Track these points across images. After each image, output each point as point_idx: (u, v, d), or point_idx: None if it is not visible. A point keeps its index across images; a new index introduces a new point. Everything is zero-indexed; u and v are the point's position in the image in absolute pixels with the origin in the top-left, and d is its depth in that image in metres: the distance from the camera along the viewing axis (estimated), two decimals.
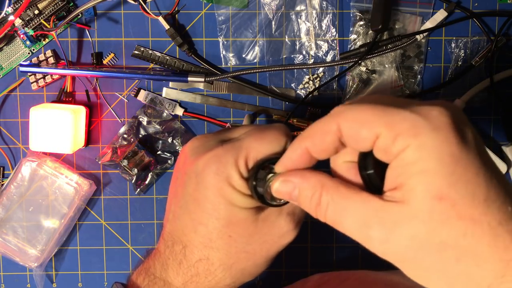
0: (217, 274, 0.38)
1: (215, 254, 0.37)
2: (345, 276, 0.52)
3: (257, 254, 0.38)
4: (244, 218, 0.36)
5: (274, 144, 0.36)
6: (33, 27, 0.56)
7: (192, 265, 0.38)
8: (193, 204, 0.37)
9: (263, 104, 0.60)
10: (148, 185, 0.60)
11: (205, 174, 0.36)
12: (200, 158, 0.36)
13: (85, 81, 0.59)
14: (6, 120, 0.60)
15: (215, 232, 0.37)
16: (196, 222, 0.37)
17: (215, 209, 0.36)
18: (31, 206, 0.58)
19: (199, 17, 0.59)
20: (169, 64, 0.59)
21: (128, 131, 0.59)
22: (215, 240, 0.37)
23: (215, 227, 0.36)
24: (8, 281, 0.61)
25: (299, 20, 0.58)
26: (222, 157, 0.35)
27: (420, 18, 0.58)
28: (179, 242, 0.38)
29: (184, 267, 0.38)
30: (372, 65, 0.59)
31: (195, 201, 0.37)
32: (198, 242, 0.37)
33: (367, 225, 0.27)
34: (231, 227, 0.36)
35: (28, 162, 0.58)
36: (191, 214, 0.37)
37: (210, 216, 0.36)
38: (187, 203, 0.38)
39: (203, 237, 0.37)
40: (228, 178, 0.35)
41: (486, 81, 0.57)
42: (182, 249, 0.38)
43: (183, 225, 0.38)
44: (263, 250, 0.38)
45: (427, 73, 0.59)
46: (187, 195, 0.38)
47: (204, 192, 0.36)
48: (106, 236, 0.61)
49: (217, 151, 0.36)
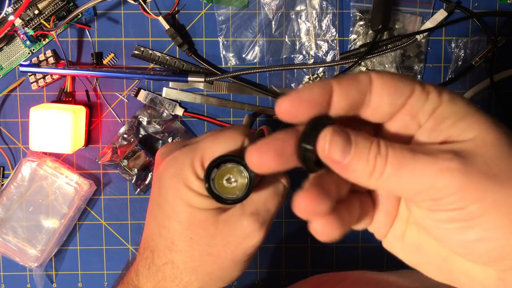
0: (183, 278, 0.37)
1: (179, 257, 0.37)
2: (343, 276, 0.52)
3: (221, 256, 0.37)
4: (204, 219, 0.36)
5: (229, 143, 0.35)
6: (33, 27, 0.56)
7: (158, 269, 0.38)
8: (157, 209, 0.37)
9: (263, 104, 0.60)
10: (148, 185, 0.60)
11: (164, 177, 0.36)
12: (161, 163, 0.37)
13: (85, 81, 0.59)
14: (6, 120, 0.60)
15: (176, 235, 0.36)
16: (160, 226, 0.37)
17: (175, 212, 0.36)
18: (31, 206, 0.58)
19: (199, 17, 0.59)
20: (169, 64, 0.59)
21: (128, 131, 0.59)
22: (177, 243, 0.37)
23: (176, 229, 0.36)
24: (8, 281, 0.61)
25: (299, 20, 0.58)
26: (179, 159, 0.35)
27: (420, 18, 0.58)
28: (148, 247, 0.39)
29: (152, 271, 0.38)
30: (372, 65, 0.59)
31: (158, 205, 0.37)
32: (163, 246, 0.37)
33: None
34: (192, 228, 0.36)
35: (28, 162, 0.58)
36: (156, 219, 0.38)
37: (171, 218, 0.36)
38: (153, 208, 0.38)
39: (166, 240, 0.37)
40: (185, 180, 0.35)
41: (486, 81, 0.57)
42: (150, 254, 0.38)
43: (151, 230, 0.38)
44: (228, 252, 0.37)
45: (427, 73, 0.59)
46: (153, 200, 0.38)
47: (165, 195, 0.36)
48: (106, 236, 0.61)
49: (174, 154, 0.36)
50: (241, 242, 0.36)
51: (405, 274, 0.52)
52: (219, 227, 0.36)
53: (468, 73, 0.58)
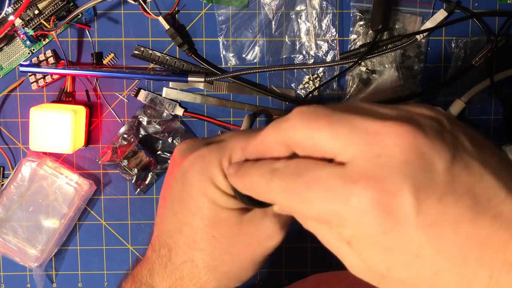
0: (201, 277, 0.37)
1: (199, 256, 0.37)
2: (342, 276, 0.52)
3: (242, 256, 0.37)
4: (228, 218, 0.36)
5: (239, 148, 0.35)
6: (33, 27, 0.56)
7: (176, 267, 0.38)
8: (178, 205, 0.37)
9: (263, 104, 0.60)
10: (148, 185, 0.60)
11: (190, 173, 0.36)
12: (186, 159, 0.37)
13: (85, 81, 0.59)
14: (6, 120, 0.60)
15: (199, 232, 0.36)
16: (181, 223, 0.37)
17: (199, 209, 0.36)
18: (31, 206, 0.58)
19: (199, 17, 0.59)
20: (169, 64, 0.59)
21: (128, 131, 0.59)
22: (199, 240, 0.36)
23: (199, 227, 0.36)
24: (8, 281, 0.61)
25: (299, 20, 0.58)
26: (206, 157, 0.35)
27: (420, 18, 0.58)
28: (165, 245, 0.38)
29: (169, 270, 0.38)
30: (372, 65, 0.59)
31: (180, 202, 0.37)
32: (183, 243, 0.37)
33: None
34: (215, 227, 0.36)
35: (28, 162, 0.58)
36: (176, 215, 0.37)
37: (194, 215, 0.36)
38: (173, 204, 0.38)
39: (187, 237, 0.37)
40: (212, 178, 0.35)
41: (486, 81, 0.57)
42: (167, 252, 0.38)
43: (169, 226, 0.38)
44: (248, 252, 0.37)
45: (427, 73, 0.59)
46: (173, 196, 0.38)
47: (189, 192, 0.36)
48: (106, 236, 0.61)
49: (202, 151, 0.36)
50: (262, 243, 0.37)
51: None
52: (242, 227, 0.36)
53: (468, 73, 0.58)
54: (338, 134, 0.25)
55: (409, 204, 0.23)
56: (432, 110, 0.26)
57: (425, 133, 0.24)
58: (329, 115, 0.26)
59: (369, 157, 0.24)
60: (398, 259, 0.24)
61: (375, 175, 0.24)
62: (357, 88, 0.59)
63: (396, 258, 0.24)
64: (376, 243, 0.24)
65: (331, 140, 0.25)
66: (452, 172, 0.24)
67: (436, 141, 0.24)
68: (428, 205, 0.23)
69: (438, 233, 0.23)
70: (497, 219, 0.23)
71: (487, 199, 0.23)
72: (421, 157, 0.23)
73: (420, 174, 0.23)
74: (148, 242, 0.42)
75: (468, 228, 0.23)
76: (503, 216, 0.23)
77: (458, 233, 0.23)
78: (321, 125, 0.26)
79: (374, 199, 0.23)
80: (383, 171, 0.24)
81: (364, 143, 0.24)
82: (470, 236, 0.23)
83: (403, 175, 0.23)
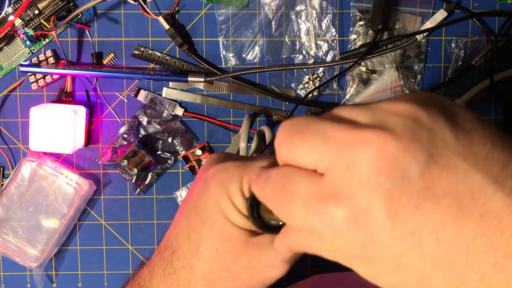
0: (196, 286, 0.37)
1: (199, 265, 0.37)
2: (342, 277, 0.52)
3: (240, 277, 0.36)
4: (235, 236, 0.35)
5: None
6: (33, 27, 0.56)
7: (174, 271, 0.37)
8: (193, 210, 0.37)
9: (263, 104, 0.60)
10: (148, 185, 0.60)
11: (211, 183, 0.36)
12: (211, 168, 0.37)
13: (85, 81, 0.59)
14: (6, 120, 0.60)
15: (204, 241, 0.36)
16: (191, 228, 0.37)
17: (210, 218, 0.36)
18: (31, 206, 0.58)
19: (199, 17, 0.59)
20: (169, 64, 0.59)
21: (128, 131, 0.59)
22: (202, 250, 0.36)
23: (205, 236, 0.36)
24: (8, 281, 0.61)
25: (299, 20, 0.58)
26: (230, 171, 0.35)
27: (420, 18, 0.58)
28: (170, 247, 0.38)
29: (167, 273, 0.38)
30: (372, 65, 0.59)
31: (196, 208, 0.37)
32: (187, 249, 0.37)
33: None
34: (221, 240, 0.36)
35: (28, 162, 0.58)
36: (189, 220, 0.37)
37: (204, 224, 0.36)
38: (188, 209, 0.38)
39: (192, 244, 0.37)
40: (229, 193, 0.35)
41: (486, 81, 0.57)
42: (170, 254, 0.38)
43: (179, 230, 0.38)
44: (247, 275, 0.36)
45: (427, 73, 0.59)
46: (191, 201, 0.38)
47: (205, 200, 0.36)
48: (106, 236, 0.61)
49: (228, 164, 0.36)
50: (263, 270, 0.36)
51: None
52: (247, 248, 0.36)
53: (468, 73, 0.58)
54: (311, 147, 0.25)
55: (382, 217, 0.22)
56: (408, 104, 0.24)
57: (395, 137, 0.22)
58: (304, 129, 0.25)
59: (339, 170, 0.23)
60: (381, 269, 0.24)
61: (345, 191, 0.23)
62: (357, 88, 0.59)
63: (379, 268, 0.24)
64: (356, 256, 0.24)
65: (307, 154, 0.25)
66: (429, 175, 0.22)
67: (409, 143, 0.22)
68: (404, 215, 0.22)
69: (419, 241, 0.22)
70: (485, 219, 0.21)
71: (472, 198, 0.22)
72: (393, 164, 0.22)
73: (393, 183, 0.22)
74: (149, 241, 0.42)
75: (451, 233, 0.22)
76: (491, 215, 0.21)
77: (440, 239, 0.22)
78: (296, 140, 0.25)
79: (345, 216, 0.23)
80: (352, 185, 0.23)
81: (334, 155, 0.24)
82: (454, 240, 0.22)
83: (373, 187, 0.22)
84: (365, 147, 0.23)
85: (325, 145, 0.24)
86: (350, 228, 0.23)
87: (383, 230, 0.22)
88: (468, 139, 0.23)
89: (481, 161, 0.22)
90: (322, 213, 0.24)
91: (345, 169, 0.23)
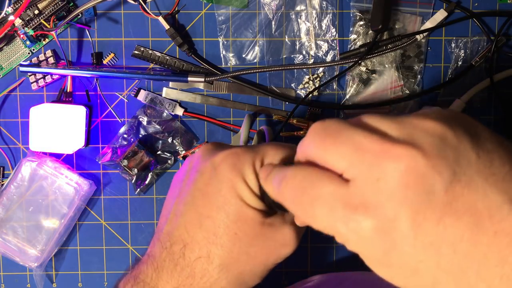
0: (213, 275, 0.37)
1: (217, 251, 0.37)
2: (343, 277, 0.52)
3: (257, 258, 0.37)
4: (252, 218, 0.36)
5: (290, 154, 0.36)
6: (33, 27, 0.56)
7: (189, 264, 0.37)
8: (201, 199, 0.37)
9: (263, 104, 0.60)
10: (148, 185, 0.60)
11: (222, 167, 0.36)
12: (218, 154, 0.37)
13: (85, 81, 0.59)
14: (6, 120, 0.60)
15: (222, 227, 0.36)
16: (203, 216, 0.37)
17: (226, 203, 0.36)
18: (31, 206, 0.58)
19: (199, 17, 0.59)
20: (169, 64, 0.59)
21: (128, 131, 0.59)
22: (220, 235, 0.36)
23: (223, 221, 0.36)
24: (8, 281, 0.61)
25: (299, 20, 0.58)
26: (241, 155, 0.37)
27: (420, 18, 0.58)
28: (180, 241, 0.38)
29: (180, 267, 0.37)
30: (372, 65, 0.59)
31: (205, 195, 0.37)
32: (202, 237, 0.37)
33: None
34: (239, 224, 0.36)
35: (28, 162, 0.58)
36: (198, 208, 0.37)
37: (220, 209, 0.36)
38: (195, 198, 0.38)
39: (208, 231, 0.37)
40: (244, 175, 0.36)
41: (486, 81, 0.57)
42: (182, 247, 0.38)
43: (187, 221, 0.38)
44: (263, 256, 0.37)
45: (427, 73, 0.59)
46: (196, 190, 0.38)
47: (218, 186, 0.36)
48: (106, 236, 0.61)
49: (236, 150, 0.37)
50: (278, 248, 0.37)
51: None
52: (263, 229, 0.37)
53: (468, 73, 0.58)
54: (342, 154, 0.26)
55: (407, 228, 0.24)
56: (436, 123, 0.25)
57: (424, 154, 0.24)
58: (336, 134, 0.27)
59: (369, 180, 0.25)
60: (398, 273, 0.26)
61: (374, 202, 0.24)
62: (357, 88, 0.59)
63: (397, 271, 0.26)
64: (376, 260, 0.26)
65: (337, 159, 0.26)
66: (452, 192, 0.24)
67: (436, 160, 0.24)
68: (427, 227, 0.24)
69: (437, 251, 0.24)
70: (498, 235, 0.23)
71: (489, 216, 0.23)
72: (420, 180, 0.24)
73: (419, 197, 0.24)
74: (149, 241, 0.42)
75: (467, 247, 0.23)
76: (504, 232, 0.23)
77: (457, 251, 0.24)
78: (327, 145, 0.27)
79: (372, 225, 0.24)
80: (381, 196, 0.24)
81: (365, 165, 0.25)
82: (468, 253, 0.24)
83: (401, 200, 0.24)
84: (395, 161, 0.24)
85: (356, 153, 0.25)
86: (375, 236, 0.25)
87: (406, 240, 0.24)
88: (489, 159, 0.25)
89: (499, 182, 0.24)
90: (349, 220, 0.25)
91: (375, 180, 0.24)
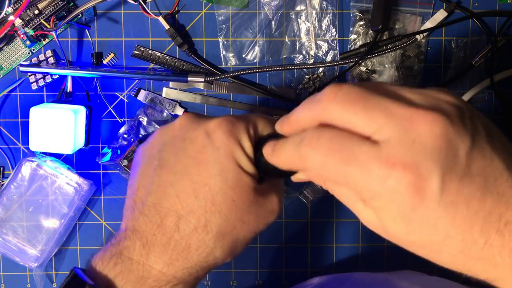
0: (209, 245, 0.36)
1: (214, 220, 0.36)
2: (343, 278, 0.52)
3: (250, 225, 0.37)
4: (248, 184, 0.36)
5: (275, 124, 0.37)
6: (33, 27, 0.56)
7: (183, 237, 0.36)
8: (195, 167, 0.36)
9: (263, 104, 0.60)
10: None
11: (218, 134, 0.36)
12: (210, 121, 0.37)
13: (85, 81, 0.59)
14: (6, 120, 0.60)
15: (220, 193, 0.36)
16: (199, 185, 0.36)
17: (224, 169, 0.36)
18: (31, 206, 0.58)
19: (199, 17, 0.59)
20: (169, 64, 0.59)
21: (128, 131, 0.59)
22: (218, 203, 0.36)
23: (221, 187, 0.36)
24: (8, 281, 0.61)
25: (299, 20, 0.58)
26: (235, 122, 0.37)
27: (420, 18, 0.58)
28: (172, 213, 0.36)
29: (173, 242, 0.36)
30: (372, 65, 0.59)
31: (199, 163, 0.36)
32: (198, 207, 0.36)
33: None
34: (237, 190, 0.36)
35: (28, 162, 0.58)
36: (192, 177, 0.36)
37: (217, 176, 0.36)
38: (187, 167, 0.36)
39: (205, 200, 0.36)
40: (240, 140, 0.36)
41: (486, 81, 0.57)
42: (176, 220, 0.36)
43: (179, 190, 0.36)
44: (255, 222, 0.37)
45: (427, 73, 0.59)
46: (188, 158, 0.37)
47: (214, 153, 0.36)
48: (106, 236, 0.61)
49: (229, 117, 0.38)
50: (267, 215, 0.38)
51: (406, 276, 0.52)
52: (257, 195, 0.37)
53: (468, 73, 0.58)
54: (374, 118, 0.28)
55: (437, 185, 0.27)
56: (454, 97, 0.29)
57: (451, 121, 0.27)
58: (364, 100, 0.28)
59: (405, 142, 0.27)
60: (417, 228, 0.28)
61: (411, 160, 0.27)
62: None
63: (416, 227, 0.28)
64: (401, 215, 0.28)
65: (367, 122, 0.28)
66: (470, 156, 0.27)
67: (460, 128, 0.27)
68: (451, 186, 0.27)
69: (455, 209, 0.27)
70: (500, 197, 0.27)
71: (494, 179, 0.27)
72: (449, 144, 0.27)
73: (447, 159, 0.27)
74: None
75: (477, 205, 0.27)
76: (505, 194, 0.27)
77: (469, 208, 0.27)
78: (357, 109, 0.28)
79: (409, 182, 0.27)
80: (417, 156, 0.27)
81: (400, 128, 0.27)
82: (477, 210, 0.27)
83: (435, 160, 0.27)
84: (430, 126, 0.27)
85: (388, 117, 0.28)
86: (408, 192, 0.27)
87: (434, 197, 0.27)
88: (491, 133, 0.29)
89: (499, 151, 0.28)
90: (387, 177, 0.27)
91: (411, 141, 0.27)
